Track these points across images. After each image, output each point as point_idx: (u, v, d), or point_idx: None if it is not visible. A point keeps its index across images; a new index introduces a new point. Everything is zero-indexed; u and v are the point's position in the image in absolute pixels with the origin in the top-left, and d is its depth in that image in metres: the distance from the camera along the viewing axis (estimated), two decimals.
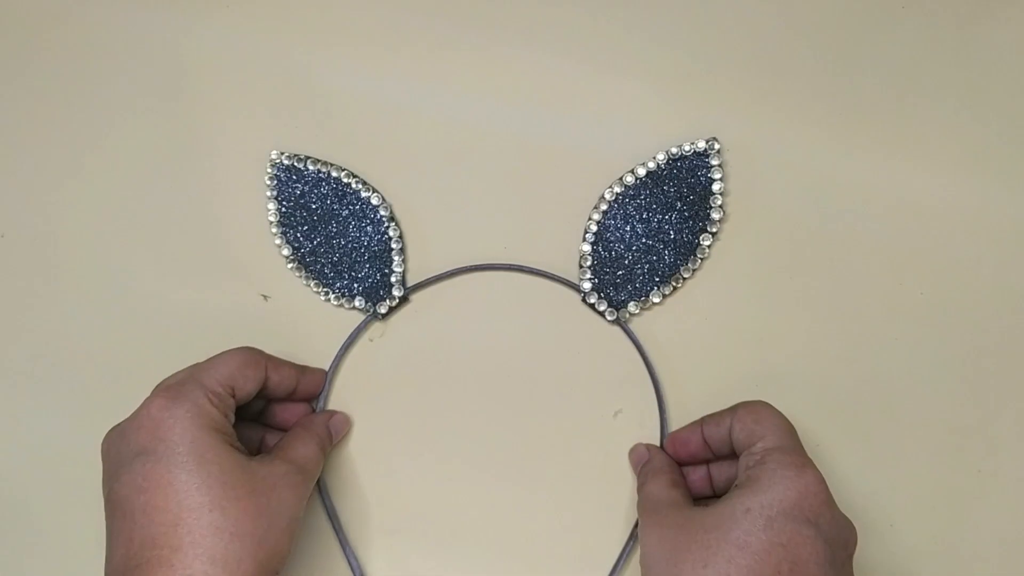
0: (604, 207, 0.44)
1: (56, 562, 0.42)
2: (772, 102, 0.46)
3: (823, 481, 0.35)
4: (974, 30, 0.46)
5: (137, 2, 0.47)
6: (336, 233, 0.44)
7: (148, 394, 0.43)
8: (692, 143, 0.44)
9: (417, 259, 0.45)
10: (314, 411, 0.42)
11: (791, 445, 0.37)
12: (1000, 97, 0.46)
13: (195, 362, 0.42)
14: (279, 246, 0.44)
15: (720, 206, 0.44)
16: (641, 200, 0.44)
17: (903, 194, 0.45)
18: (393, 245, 0.44)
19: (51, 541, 0.42)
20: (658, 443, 0.42)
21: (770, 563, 0.33)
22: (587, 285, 0.44)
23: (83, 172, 0.46)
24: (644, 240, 0.44)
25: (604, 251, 0.44)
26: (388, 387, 0.43)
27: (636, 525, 0.41)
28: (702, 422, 0.40)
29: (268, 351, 0.43)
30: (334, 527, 0.41)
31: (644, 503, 0.39)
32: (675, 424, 0.42)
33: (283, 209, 0.44)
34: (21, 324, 0.44)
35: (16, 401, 0.43)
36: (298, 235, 0.44)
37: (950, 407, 0.43)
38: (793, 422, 0.42)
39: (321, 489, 0.42)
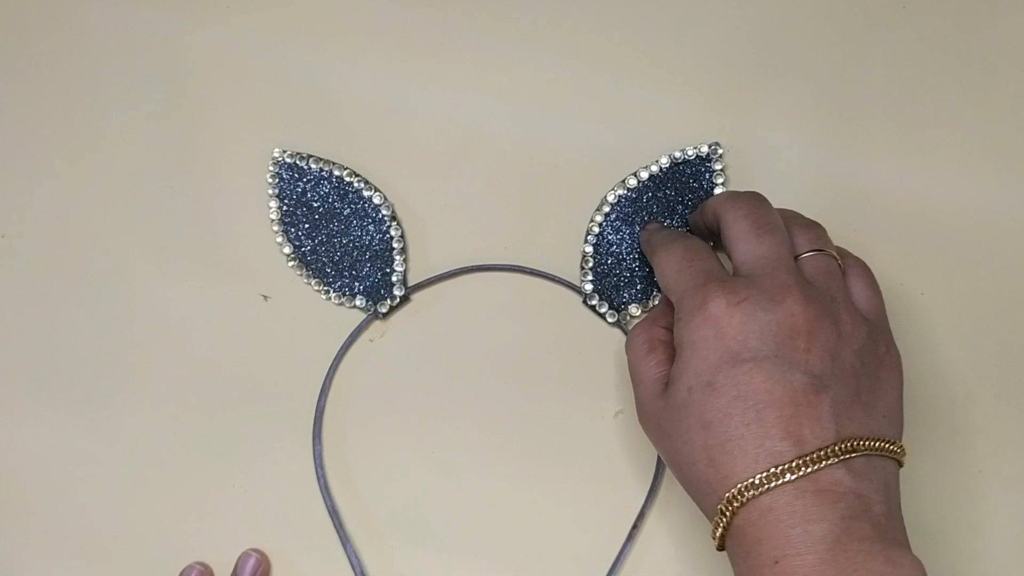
0: (606, 209, 0.44)
1: (57, 562, 0.42)
2: (775, 106, 0.46)
3: (729, 307, 0.33)
4: (976, 30, 0.46)
5: (137, 2, 0.47)
6: (337, 232, 0.44)
7: (145, 395, 0.43)
8: (695, 147, 0.44)
9: (418, 259, 0.45)
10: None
11: (690, 284, 0.35)
12: (1002, 97, 0.46)
13: (192, 360, 0.43)
14: (280, 244, 0.44)
15: None
16: (643, 203, 0.44)
17: (904, 195, 0.45)
18: (394, 244, 0.44)
19: (51, 541, 0.42)
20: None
21: (737, 421, 0.33)
22: (588, 287, 0.43)
23: (83, 171, 0.46)
24: None
25: (606, 253, 0.44)
26: (388, 387, 0.43)
27: (635, 526, 0.41)
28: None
29: (267, 349, 0.44)
30: (335, 526, 0.42)
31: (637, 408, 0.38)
32: None
33: (284, 207, 0.44)
34: (21, 324, 0.44)
35: (16, 401, 0.43)
36: (299, 233, 0.44)
37: (950, 407, 0.43)
38: None
39: (322, 488, 0.42)
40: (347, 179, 0.44)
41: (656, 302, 0.43)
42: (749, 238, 0.36)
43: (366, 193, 0.44)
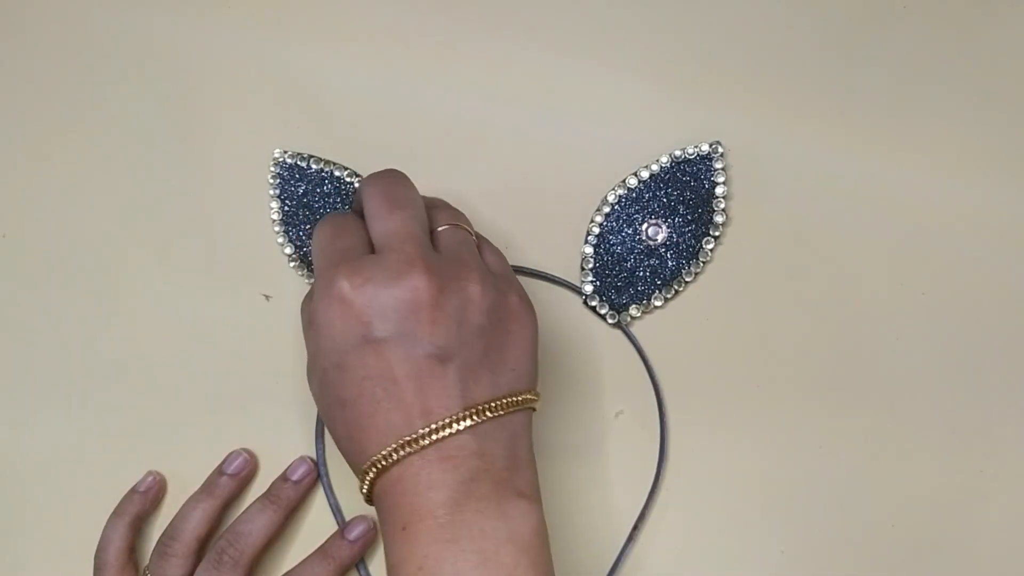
0: (607, 209, 0.44)
1: (57, 562, 0.42)
2: (776, 105, 0.45)
3: (353, 289, 0.34)
4: (976, 30, 0.46)
5: (138, 2, 0.47)
6: None
7: (147, 396, 0.43)
8: (696, 146, 0.44)
9: None
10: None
11: (325, 264, 0.36)
12: (1002, 97, 0.45)
13: (194, 360, 0.43)
14: (281, 244, 0.44)
15: (723, 210, 0.44)
16: (644, 203, 0.44)
17: (905, 196, 0.45)
18: None
19: (51, 541, 0.43)
20: (657, 443, 0.42)
21: (367, 399, 0.34)
22: (588, 288, 0.44)
23: (84, 172, 0.46)
24: (646, 243, 0.44)
25: (606, 254, 0.44)
26: None
27: (635, 527, 0.41)
28: None
29: (270, 349, 0.44)
30: (339, 524, 0.42)
31: None
32: (674, 425, 0.43)
33: (285, 208, 0.44)
34: (21, 324, 0.44)
35: (16, 401, 0.44)
36: (300, 234, 0.44)
37: (950, 407, 0.43)
38: (794, 424, 0.43)
39: (325, 487, 0.42)
40: (347, 179, 0.44)
41: (656, 303, 0.44)
42: (381, 214, 0.36)
43: None
